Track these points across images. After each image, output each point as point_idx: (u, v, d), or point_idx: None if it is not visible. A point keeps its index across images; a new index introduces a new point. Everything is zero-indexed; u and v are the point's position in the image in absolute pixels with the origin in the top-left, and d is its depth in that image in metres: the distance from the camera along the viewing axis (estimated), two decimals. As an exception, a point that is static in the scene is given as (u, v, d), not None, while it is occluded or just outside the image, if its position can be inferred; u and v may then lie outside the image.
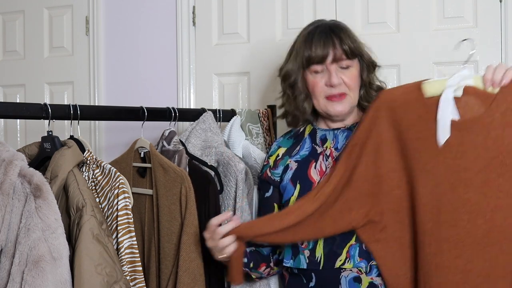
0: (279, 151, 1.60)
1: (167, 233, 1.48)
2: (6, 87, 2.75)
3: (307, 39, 1.49)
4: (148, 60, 2.46)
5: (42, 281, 1.09)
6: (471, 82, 1.19)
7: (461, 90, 1.18)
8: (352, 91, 1.48)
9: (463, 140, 1.16)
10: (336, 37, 1.46)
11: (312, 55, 1.47)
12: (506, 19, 1.98)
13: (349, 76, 1.47)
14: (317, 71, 1.48)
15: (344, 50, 1.45)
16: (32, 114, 1.31)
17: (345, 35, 1.47)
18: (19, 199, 1.14)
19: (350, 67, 1.47)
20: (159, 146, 1.65)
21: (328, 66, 1.46)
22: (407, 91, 1.26)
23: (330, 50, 1.45)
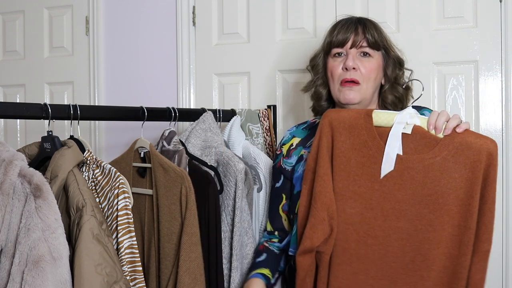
0: (293, 140, 1.61)
1: (167, 233, 1.48)
2: (6, 87, 2.75)
3: (333, 26, 1.53)
4: (148, 60, 2.46)
5: (42, 281, 1.09)
6: (419, 122, 1.28)
7: (410, 128, 1.27)
8: (366, 82, 1.47)
9: (404, 174, 1.26)
10: (360, 25, 1.49)
11: (333, 39, 1.50)
12: (506, 19, 1.98)
13: (367, 66, 1.47)
14: (337, 54, 1.50)
15: (366, 38, 1.47)
16: (32, 114, 1.31)
17: (371, 26, 1.49)
18: (19, 199, 1.14)
19: (370, 57, 1.48)
20: (159, 146, 1.64)
21: (348, 51, 1.48)
22: (357, 116, 1.32)
23: (352, 35, 1.47)
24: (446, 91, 2.06)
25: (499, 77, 2.01)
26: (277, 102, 2.25)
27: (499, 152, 2.00)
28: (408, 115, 1.28)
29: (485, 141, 1.23)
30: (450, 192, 1.23)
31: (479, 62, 2.02)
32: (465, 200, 1.23)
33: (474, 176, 1.22)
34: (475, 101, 2.03)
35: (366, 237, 1.29)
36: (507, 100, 2.00)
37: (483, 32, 2.01)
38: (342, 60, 1.49)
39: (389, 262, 1.27)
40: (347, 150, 1.31)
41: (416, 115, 1.28)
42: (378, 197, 1.28)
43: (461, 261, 1.23)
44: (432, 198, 1.24)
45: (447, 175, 1.23)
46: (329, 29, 1.54)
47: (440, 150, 1.24)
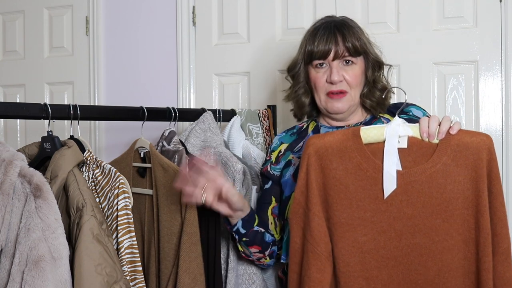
0: (281, 147, 1.61)
1: (167, 233, 1.48)
2: (6, 87, 2.75)
3: (312, 34, 1.51)
4: (148, 60, 2.46)
5: (42, 281, 1.09)
6: (411, 133, 1.23)
7: (405, 142, 1.23)
8: (353, 89, 1.48)
9: (408, 189, 1.22)
10: (339, 34, 1.47)
11: (314, 50, 1.48)
12: (506, 19, 1.98)
13: (351, 74, 1.47)
14: (319, 66, 1.49)
15: (346, 48, 1.46)
16: (32, 114, 1.31)
17: (349, 32, 1.47)
18: (19, 199, 1.14)
19: (353, 64, 1.48)
20: (159, 146, 1.64)
21: (330, 63, 1.47)
22: (344, 138, 1.25)
23: (332, 47, 1.46)
24: (446, 91, 2.06)
25: (499, 77, 2.01)
26: (277, 102, 2.25)
27: (499, 152, 2.01)
28: (398, 127, 1.23)
29: (481, 138, 1.22)
30: (458, 196, 1.21)
31: (479, 62, 2.02)
32: (475, 200, 1.20)
33: (477, 175, 1.20)
34: (475, 101, 2.03)
35: (386, 261, 1.23)
36: (507, 100, 2.00)
37: (483, 32, 2.01)
38: (325, 71, 1.48)
39: (415, 281, 1.23)
40: (342, 176, 1.24)
41: (405, 124, 1.24)
42: (387, 218, 1.23)
43: (482, 264, 1.20)
44: (442, 206, 1.21)
45: (451, 180, 1.21)
46: (307, 37, 1.52)
47: (439, 157, 1.22)
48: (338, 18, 1.54)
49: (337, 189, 1.24)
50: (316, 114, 1.60)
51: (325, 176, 1.25)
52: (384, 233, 1.23)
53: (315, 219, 1.25)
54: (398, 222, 1.23)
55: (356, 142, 1.24)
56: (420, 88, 2.06)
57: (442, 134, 1.22)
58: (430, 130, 1.22)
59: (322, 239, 1.24)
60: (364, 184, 1.23)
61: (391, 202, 1.22)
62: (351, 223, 1.24)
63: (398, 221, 1.23)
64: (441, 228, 1.21)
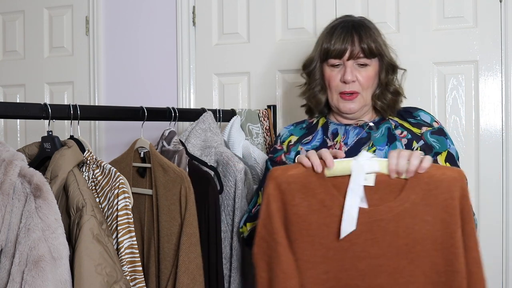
0: (291, 138, 1.61)
1: (167, 233, 1.48)
2: (6, 87, 2.75)
3: (329, 32, 1.51)
4: (148, 60, 2.46)
5: (42, 281, 1.09)
6: (378, 168, 1.18)
7: (372, 180, 1.17)
8: (365, 90, 1.49)
9: (373, 228, 1.17)
10: (356, 34, 1.47)
11: (330, 49, 1.48)
12: (506, 19, 1.98)
13: (364, 75, 1.47)
14: (334, 65, 1.49)
15: (362, 49, 1.46)
16: (32, 114, 1.31)
17: (366, 33, 1.47)
18: (19, 199, 1.14)
19: (367, 66, 1.48)
20: (159, 146, 1.64)
21: (345, 62, 1.47)
22: (308, 173, 1.20)
23: (348, 46, 1.46)
24: (446, 91, 2.06)
25: (499, 77, 2.01)
26: (277, 102, 2.25)
27: (499, 152, 2.01)
28: (365, 163, 1.18)
29: (453, 175, 1.15)
30: (427, 237, 1.15)
31: (479, 62, 2.02)
32: (445, 242, 1.14)
33: (449, 215, 1.14)
34: (475, 101, 2.03)
35: None
36: (507, 100, 2.00)
37: (483, 32, 2.01)
38: (340, 71, 1.48)
39: None
40: (305, 213, 1.19)
41: (373, 159, 1.18)
42: (350, 257, 1.18)
43: None
44: (408, 247, 1.15)
45: (419, 219, 1.15)
46: (325, 34, 1.52)
47: (407, 195, 1.16)
48: (356, 18, 1.54)
49: (299, 226, 1.19)
50: (327, 111, 1.60)
51: (287, 211, 1.20)
52: (346, 272, 1.18)
53: (285, 252, 1.19)
54: (362, 261, 1.18)
55: (320, 176, 1.19)
56: (420, 88, 2.06)
57: (411, 173, 1.16)
58: (399, 167, 1.17)
59: (292, 273, 1.19)
60: (327, 221, 1.18)
61: (355, 240, 1.17)
62: (313, 260, 1.20)
63: (362, 260, 1.18)
64: (406, 270, 1.16)
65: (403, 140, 1.48)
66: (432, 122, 1.52)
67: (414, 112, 1.55)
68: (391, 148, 1.47)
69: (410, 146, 1.46)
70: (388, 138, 1.49)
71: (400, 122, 1.53)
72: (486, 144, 2.02)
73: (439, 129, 1.50)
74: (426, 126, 1.50)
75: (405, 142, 1.48)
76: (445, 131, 1.52)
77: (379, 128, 1.52)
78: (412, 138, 1.47)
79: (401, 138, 1.48)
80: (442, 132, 1.50)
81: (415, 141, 1.47)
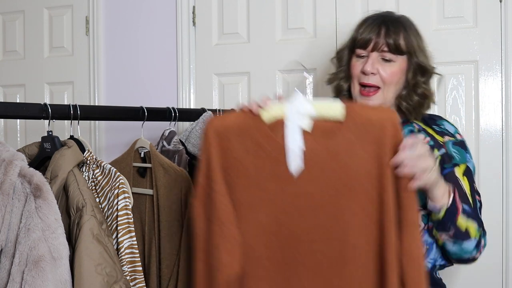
0: None
1: (168, 233, 1.48)
2: (6, 87, 2.75)
3: (361, 23, 1.50)
4: (148, 60, 2.46)
5: (42, 281, 1.09)
6: (314, 112, 1.19)
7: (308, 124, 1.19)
8: (387, 86, 1.45)
9: (311, 168, 1.17)
10: (384, 27, 1.45)
11: (357, 37, 1.48)
12: (506, 19, 1.98)
13: (387, 71, 1.44)
14: (359, 56, 1.48)
15: (387, 42, 1.43)
16: (32, 114, 1.31)
17: (395, 29, 1.44)
18: (19, 199, 1.14)
19: (392, 62, 1.44)
20: (159, 146, 1.64)
21: (370, 54, 1.45)
22: (243, 117, 1.21)
23: (374, 37, 1.44)
24: (446, 91, 2.05)
25: (499, 77, 2.01)
26: (277, 102, 2.24)
27: (499, 152, 2.01)
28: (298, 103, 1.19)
29: (386, 114, 1.19)
30: (362, 172, 1.17)
31: (479, 62, 2.02)
32: (377, 175, 1.16)
33: (381, 150, 1.16)
34: (475, 101, 2.03)
35: (290, 242, 1.19)
36: (507, 100, 2.00)
37: (483, 32, 2.01)
38: (364, 61, 1.46)
39: (319, 261, 1.19)
40: (243, 157, 1.19)
41: (307, 102, 1.19)
42: (290, 198, 1.18)
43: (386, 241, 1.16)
44: (346, 184, 1.17)
45: (355, 157, 1.17)
46: (358, 24, 1.51)
47: (343, 134, 1.18)
48: (393, 15, 1.52)
49: (237, 170, 1.20)
50: None
51: (225, 157, 1.20)
52: (287, 214, 1.19)
53: (221, 199, 1.19)
54: (302, 201, 1.18)
55: (256, 120, 1.20)
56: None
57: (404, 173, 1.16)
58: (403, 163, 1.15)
59: (229, 220, 1.19)
60: (265, 164, 1.19)
61: (293, 181, 1.18)
62: (253, 204, 1.20)
63: (302, 200, 1.18)
64: (345, 207, 1.18)
65: None
66: (456, 133, 1.50)
67: (439, 120, 1.53)
68: None
69: None
70: None
71: (423, 127, 1.50)
72: (486, 144, 2.02)
73: (461, 142, 1.48)
74: (449, 136, 1.48)
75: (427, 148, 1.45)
76: (466, 145, 1.49)
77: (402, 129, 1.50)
78: (434, 145, 1.44)
79: None
80: (463, 145, 1.48)
81: (436, 148, 1.44)
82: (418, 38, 1.50)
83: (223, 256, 1.19)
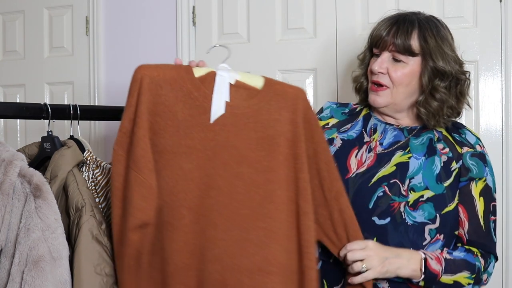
0: (330, 120, 1.58)
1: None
2: (6, 87, 2.75)
3: (380, 21, 1.48)
4: (148, 60, 2.43)
5: (41, 281, 1.09)
6: (239, 77, 1.30)
7: (233, 79, 1.29)
8: (396, 87, 1.42)
9: (235, 121, 1.25)
10: (395, 26, 1.42)
11: (372, 35, 1.47)
12: (506, 19, 1.98)
13: (397, 71, 1.41)
14: (376, 54, 1.47)
15: (394, 43, 1.40)
16: (32, 114, 1.31)
17: (409, 29, 1.41)
18: (19, 199, 1.14)
19: (404, 63, 1.41)
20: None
21: (382, 52, 1.44)
22: (176, 69, 1.28)
23: (383, 36, 1.42)
24: (446, 91, 2.05)
25: (499, 77, 2.01)
26: (277, 102, 2.25)
27: (499, 152, 2.01)
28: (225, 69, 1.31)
29: (297, 89, 1.32)
30: (279, 134, 1.26)
31: (479, 62, 2.02)
32: (293, 141, 1.27)
33: (295, 119, 1.27)
34: (475, 101, 2.02)
35: (210, 190, 1.22)
36: (507, 100, 2.00)
37: (483, 32, 2.01)
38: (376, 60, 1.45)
39: (237, 211, 1.22)
40: (172, 104, 1.23)
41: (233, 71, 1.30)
42: (214, 146, 1.23)
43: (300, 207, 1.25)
44: (265, 141, 1.25)
45: (273, 118, 1.26)
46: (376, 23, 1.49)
47: (264, 97, 1.27)
48: (415, 15, 1.47)
49: (165, 116, 1.22)
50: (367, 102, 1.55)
51: (155, 102, 1.23)
52: (210, 161, 1.22)
53: (140, 143, 1.21)
54: (225, 151, 1.23)
55: (188, 72, 1.27)
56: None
57: None
58: None
59: (146, 166, 1.21)
60: (193, 112, 1.23)
61: (219, 132, 1.23)
62: (177, 150, 1.22)
63: (225, 150, 1.23)
64: (265, 161, 1.24)
65: (443, 157, 1.42)
66: (476, 144, 1.45)
67: (461, 128, 1.49)
68: (429, 161, 1.41)
69: (449, 166, 1.41)
70: (428, 148, 1.43)
71: (444, 134, 1.46)
72: (486, 144, 1.99)
73: (481, 154, 1.43)
74: (468, 147, 1.43)
75: (445, 159, 1.41)
76: (487, 158, 1.44)
77: (420, 135, 1.46)
78: (453, 157, 1.41)
79: (442, 154, 1.42)
80: (483, 157, 1.43)
81: (454, 161, 1.41)
82: (440, 40, 1.42)
83: (137, 201, 1.20)
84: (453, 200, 1.39)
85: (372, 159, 1.45)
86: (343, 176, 1.41)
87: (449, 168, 1.41)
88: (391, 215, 1.37)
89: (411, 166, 1.42)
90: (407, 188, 1.39)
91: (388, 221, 1.37)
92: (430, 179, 1.39)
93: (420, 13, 1.50)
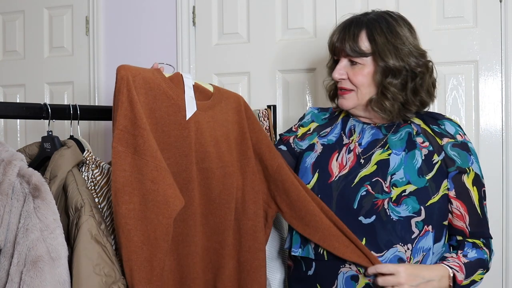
0: (312, 125, 1.61)
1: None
2: (6, 87, 2.75)
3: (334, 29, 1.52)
4: (148, 60, 2.45)
5: (40, 281, 1.09)
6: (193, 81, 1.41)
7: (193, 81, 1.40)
8: (360, 89, 1.45)
9: (200, 120, 1.36)
10: (343, 31, 1.46)
11: (328, 44, 1.52)
12: (506, 19, 1.98)
13: (356, 74, 1.44)
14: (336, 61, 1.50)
15: (345, 46, 1.44)
16: (32, 114, 1.31)
17: (356, 31, 1.43)
18: (18, 199, 1.14)
19: (361, 65, 1.44)
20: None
21: (340, 58, 1.47)
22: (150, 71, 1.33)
23: (335, 43, 1.47)
24: (446, 91, 2.05)
25: (499, 77, 2.01)
26: (277, 102, 2.25)
27: (499, 152, 2.01)
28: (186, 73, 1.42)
29: (238, 95, 1.52)
30: (231, 132, 1.44)
31: (479, 62, 2.02)
32: (240, 138, 1.46)
33: (240, 118, 1.47)
34: (475, 101, 2.03)
35: (187, 183, 1.31)
36: (507, 100, 2.00)
37: (483, 32, 2.01)
38: None
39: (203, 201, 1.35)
40: (151, 102, 1.28)
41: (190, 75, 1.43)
42: (188, 143, 1.31)
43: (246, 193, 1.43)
44: (223, 138, 1.40)
45: (225, 118, 1.43)
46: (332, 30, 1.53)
47: (217, 99, 1.44)
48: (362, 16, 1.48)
49: (146, 114, 1.27)
50: None
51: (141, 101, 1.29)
52: (186, 157, 1.31)
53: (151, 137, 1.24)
54: (196, 147, 1.34)
55: (161, 73, 1.34)
56: (420, 88, 2.05)
57: None
58: None
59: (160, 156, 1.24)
60: (169, 110, 1.31)
61: (190, 129, 1.33)
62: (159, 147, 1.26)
63: (196, 146, 1.34)
64: (224, 156, 1.39)
65: (424, 151, 1.42)
66: (456, 134, 1.44)
67: (440, 119, 1.48)
68: (409, 155, 1.42)
69: (430, 159, 1.41)
70: (407, 143, 1.44)
71: (423, 127, 1.46)
72: (486, 144, 2.02)
73: (462, 143, 1.43)
74: (448, 138, 1.43)
75: (426, 152, 1.42)
76: (470, 146, 1.44)
77: (398, 131, 1.48)
78: (434, 151, 1.42)
79: (422, 147, 1.43)
80: (465, 146, 1.43)
81: (436, 154, 1.42)
82: (391, 36, 1.42)
83: (167, 189, 1.22)
84: (437, 192, 1.40)
85: (353, 160, 1.47)
86: (326, 181, 1.45)
87: (430, 161, 1.41)
88: (376, 213, 1.38)
89: (392, 163, 1.43)
90: (389, 184, 1.40)
91: (374, 219, 1.38)
92: (412, 174, 1.40)
93: (372, 12, 1.51)
